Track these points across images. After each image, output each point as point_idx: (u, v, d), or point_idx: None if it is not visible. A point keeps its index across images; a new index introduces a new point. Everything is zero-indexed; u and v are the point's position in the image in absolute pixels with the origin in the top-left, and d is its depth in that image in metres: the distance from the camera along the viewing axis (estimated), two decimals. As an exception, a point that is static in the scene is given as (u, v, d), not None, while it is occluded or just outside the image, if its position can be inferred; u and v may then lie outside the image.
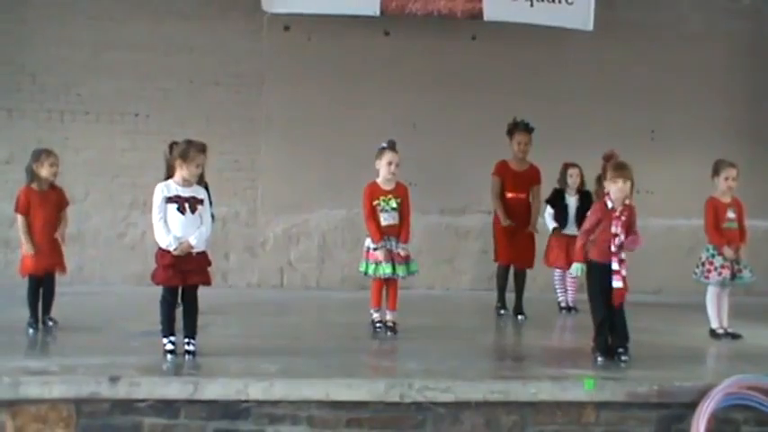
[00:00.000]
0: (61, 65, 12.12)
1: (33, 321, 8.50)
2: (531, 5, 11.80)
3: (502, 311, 10.31)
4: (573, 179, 10.52)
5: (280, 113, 12.44)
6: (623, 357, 7.41)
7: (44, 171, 8.56)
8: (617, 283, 7.38)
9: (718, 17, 13.06)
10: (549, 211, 10.56)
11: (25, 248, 8.52)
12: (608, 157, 7.70)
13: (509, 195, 10.17)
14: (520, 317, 10.07)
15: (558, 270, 10.66)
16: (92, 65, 12.14)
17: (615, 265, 7.38)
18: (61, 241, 8.76)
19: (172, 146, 7.47)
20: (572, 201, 10.51)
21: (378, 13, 11.70)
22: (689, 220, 11.38)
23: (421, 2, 11.73)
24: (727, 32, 13.05)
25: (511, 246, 10.15)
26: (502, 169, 10.25)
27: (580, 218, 10.25)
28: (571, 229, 10.32)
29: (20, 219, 8.54)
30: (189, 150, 7.24)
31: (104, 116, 12.24)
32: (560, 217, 10.50)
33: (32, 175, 8.60)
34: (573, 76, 12.66)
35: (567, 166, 10.57)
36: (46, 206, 8.58)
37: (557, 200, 10.56)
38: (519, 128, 10.15)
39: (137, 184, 11.82)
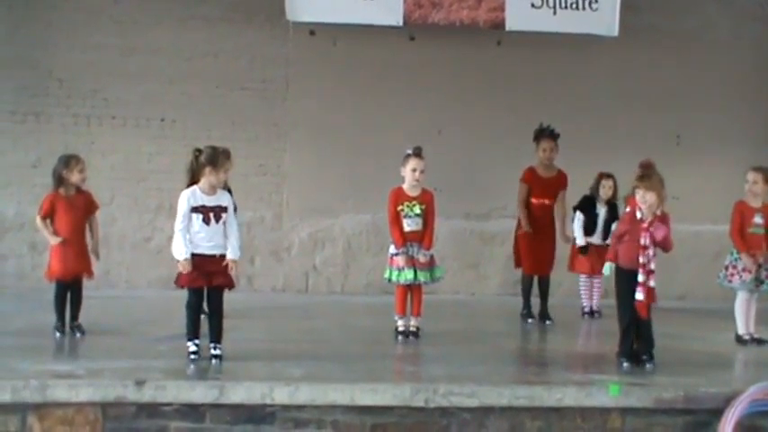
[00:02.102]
0: (88, 70, 12.18)
1: (60, 325, 8.54)
2: (555, 13, 11.82)
3: (530, 320, 10.25)
4: (605, 190, 10.38)
5: (305, 118, 12.46)
6: (648, 364, 7.40)
7: (74, 177, 8.58)
8: (639, 295, 7.36)
9: (746, 22, 12.98)
10: (580, 217, 10.43)
11: (52, 240, 8.54)
12: (642, 166, 7.67)
13: (534, 201, 10.16)
14: (548, 321, 10.06)
15: (583, 275, 10.62)
16: (118, 70, 12.20)
17: (641, 277, 7.36)
18: (95, 253, 8.82)
19: (196, 153, 7.44)
20: (602, 211, 10.41)
21: (401, 23, 11.79)
22: (715, 226, 11.29)
23: (444, 12, 11.78)
24: (754, 38, 12.98)
25: (534, 254, 10.17)
26: (529, 176, 10.22)
27: (607, 229, 10.21)
28: (597, 238, 10.31)
29: (38, 220, 8.58)
30: (218, 156, 7.28)
31: (131, 121, 12.29)
32: (589, 224, 10.41)
33: (60, 181, 8.63)
34: (598, 80, 12.62)
35: (601, 177, 10.43)
36: (73, 211, 8.61)
37: (587, 207, 10.47)
38: (544, 134, 10.13)
39: (163, 189, 11.87)
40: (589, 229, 10.39)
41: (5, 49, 12.08)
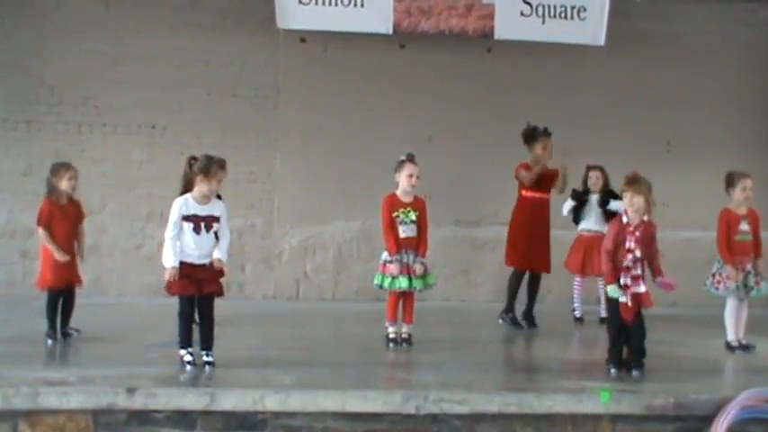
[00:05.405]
0: (79, 77, 12.20)
1: (52, 333, 8.53)
2: (543, 23, 11.88)
3: (500, 321, 10.20)
4: (593, 181, 10.53)
5: (296, 125, 12.49)
6: (634, 371, 7.39)
7: (63, 184, 8.61)
8: (622, 298, 7.37)
9: (735, 28, 13.04)
10: (570, 203, 10.57)
11: (58, 257, 8.53)
12: (628, 179, 7.65)
13: (526, 194, 10.05)
14: (533, 326, 10.04)
15: (577, 278, 10.64)
16: (109, 77, 12.21)
17: (623, 280, 7.37)
18: (81, 256, 8.83)
19: (191, 161, 7.45)
20: (593, 197, 10.53)
21: (390, 31, 11.83)
22: (705, 233, 11.22)
23: (433, 20, 11.83)
24: (743, 44, 13.03)
25: (528, 249, 10.06)
26: (525, 168, 10.09)
27: (606, 213, 10.22)
28: (590, 224, 10.42)
29: (41, 232, 8.56)
30: (211, 166, 7.27)
31: (121, 128, 12.31)
32: (578, 211, 10.48)
33: (52, 188, 8.63)
34: (588, 87, 12.66)
35: (588, 169, 10.61)
36: (66, 219, 8.65)
37: (579, 197, 10.59)
38: (544, 133, 10.06)
39: (153, 196, 11.90)
40: (577, 217, 10.48)
41: (-4, 56, 12.11)
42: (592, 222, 10.48)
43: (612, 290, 7.48)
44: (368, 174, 11.47)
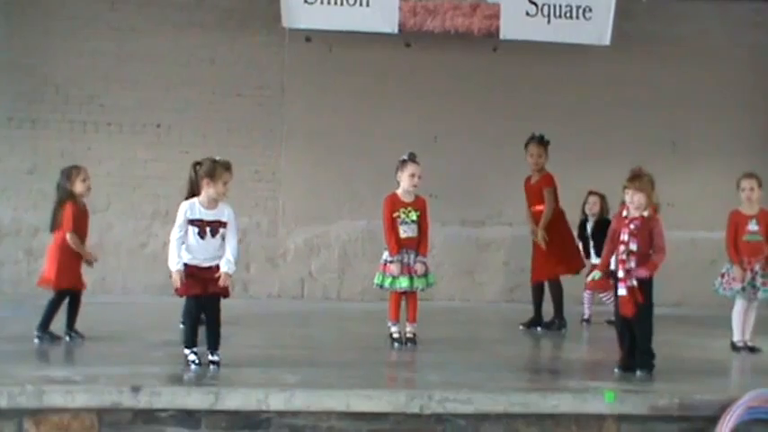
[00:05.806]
0: (84, 76, 12.22)
1: (43, 330, 8.41)
2: (549, 22, 11.85)
3: (521, 327, 10.13)
4: (589, 206, 10.48)
5: (301, 124, 12.49)
6: (638, 371, 7.36)
7: (78, 187, 8.55)
8: (621, 290, 7.34)
9: (741, 29, 13.02)
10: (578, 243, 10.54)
11: (87, 256, 8.61)
12: (633, 173, 7.62)
13: (532, 210, 10.08)
14: (563, 329, 10.05)
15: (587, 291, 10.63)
16: (114, 76, 12.23)
17: (621, 273, 7.34)
18: (97, 255, 8.85)
19: (196, 166, 7.40)
20: (589, 228, 10.49)
21: (396, 30, 11.80)
22: (711, 233, 11.27)
23: (439, 19, 11.81)
24: (749, 44, 13.02)
25: (534, 261, 10.12)
26: (525, 186, 10.18)
27: (597, 245, 10.14)
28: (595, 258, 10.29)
29: (71, 237, 8.46)
30: (216, 168, 7.22)
31: (127, 127, 12.32)
32: (585, 249, 10.46)
33: (68, 193, 8.56)
34: (594, 86, 12.65)
35: (588, 194, 10.57)
36: (85, 221, 8.66)
37: (582, 232, 10.55)
38: (532, 140, 10.04)
39: (159, 195, 11.91)
40: (586, 252, 10.42)
41: (2, 55, 12.13)
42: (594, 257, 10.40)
43: (594, 274, 7.60)
44: (373, 173, 11.47)
